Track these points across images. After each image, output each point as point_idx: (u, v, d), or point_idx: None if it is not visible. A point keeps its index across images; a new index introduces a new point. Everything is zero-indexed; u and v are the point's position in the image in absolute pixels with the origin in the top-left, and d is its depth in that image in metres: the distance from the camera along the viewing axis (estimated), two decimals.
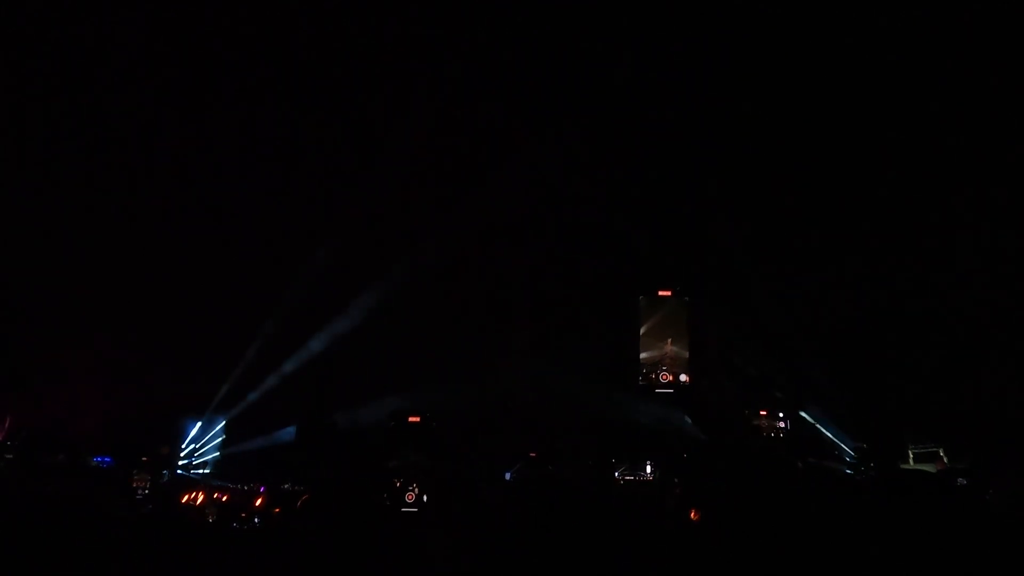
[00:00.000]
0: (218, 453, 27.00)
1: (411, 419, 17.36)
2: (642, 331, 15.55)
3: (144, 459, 21.99)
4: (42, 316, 24.03)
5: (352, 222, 22.95)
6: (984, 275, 18.57)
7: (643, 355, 15.53)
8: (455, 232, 20.46)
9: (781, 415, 19.67)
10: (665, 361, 15.43)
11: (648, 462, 18.05)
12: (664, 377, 15.38)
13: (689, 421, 18.26)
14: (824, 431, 21.85)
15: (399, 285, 21.46)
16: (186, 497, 19.81)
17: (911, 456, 18.85)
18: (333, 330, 25.52)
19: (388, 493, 16.75)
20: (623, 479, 17.98)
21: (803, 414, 21.42)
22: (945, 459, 19.13)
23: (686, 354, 15.42)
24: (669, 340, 15.43)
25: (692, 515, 11.59)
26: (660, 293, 15.66)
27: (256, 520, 18.25)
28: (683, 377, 15.43)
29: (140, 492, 20.47)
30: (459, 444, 18.95)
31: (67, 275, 23.35)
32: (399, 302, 21.34)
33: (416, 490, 16.42)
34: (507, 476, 18.84)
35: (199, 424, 27.04)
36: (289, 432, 24.56)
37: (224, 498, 20.61)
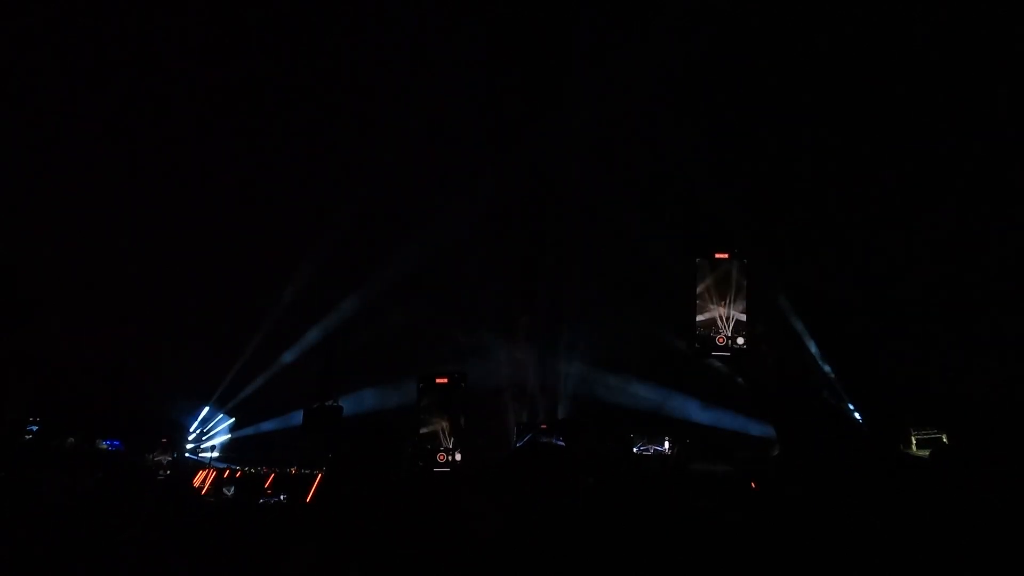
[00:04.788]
0: (227, 436, 26.37)
1: (439, 380, 17.08)
2: (698, 293, 15.21)
3: (164, 440, 22.12)
4: (50, 301, 23.68)
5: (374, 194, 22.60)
6: (989, 260, 18.47)
7: (699, 318, 15.11)
8: (499, 192, 20.04)
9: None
10: (720, 324, 15.10)
11: (666, 437, 17.63)
12: (720, 340, 15.00)
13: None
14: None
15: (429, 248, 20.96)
16: (198, 480, 19.83)
17: (913, 442, 18.65)
18: (344, 308, 25.15)
19: (421, 457, 16.87)
20: (640, 453, 17.59)
21: None
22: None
23: (743, 317, 15.07)
24: (725, 302, 15.10)
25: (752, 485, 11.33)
26: (717, 255, 15.35)
27: (282, 496, 17.79)
28: (739, 340, 15.06)
29: (162, 473, 21.04)
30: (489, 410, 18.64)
31: (77, 262, 23.08)
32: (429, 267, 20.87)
33: (448, 451, 16.63)
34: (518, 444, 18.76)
35: (207, 408, 26.50)
36: (297, 416, 24.20)
37: (237, 475, 20.50)
